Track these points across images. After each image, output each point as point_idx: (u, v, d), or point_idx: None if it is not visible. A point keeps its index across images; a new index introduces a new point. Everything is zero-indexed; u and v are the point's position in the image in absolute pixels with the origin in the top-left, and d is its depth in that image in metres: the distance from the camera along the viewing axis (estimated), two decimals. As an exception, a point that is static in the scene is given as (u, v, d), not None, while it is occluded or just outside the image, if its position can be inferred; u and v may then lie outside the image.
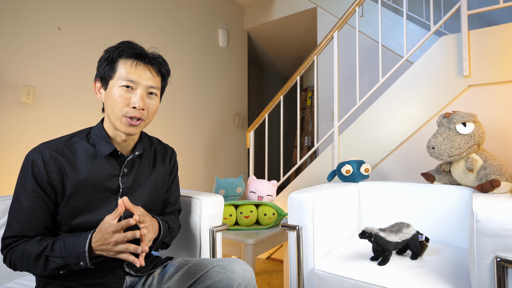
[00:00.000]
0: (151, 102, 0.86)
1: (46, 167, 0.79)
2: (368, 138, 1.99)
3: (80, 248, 0.72)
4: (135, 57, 0.84)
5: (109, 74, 0.83)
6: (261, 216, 1.66)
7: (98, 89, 0.87)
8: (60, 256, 0.73)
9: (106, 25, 2.23)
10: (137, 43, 0.87)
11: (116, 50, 0.83)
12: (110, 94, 0.83)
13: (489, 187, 1.23)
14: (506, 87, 1.57)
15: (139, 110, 0.83)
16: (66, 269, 0.74)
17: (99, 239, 0.72)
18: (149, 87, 0.85)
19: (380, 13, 1.98)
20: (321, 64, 3.09)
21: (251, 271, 0.88)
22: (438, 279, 1.00)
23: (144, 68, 0.85)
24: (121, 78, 0.82)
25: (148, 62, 0.86)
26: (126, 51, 0.83)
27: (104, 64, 0.84)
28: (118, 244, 0.71)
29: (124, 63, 0.83)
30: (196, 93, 2.96)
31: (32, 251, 0.74)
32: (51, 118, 1.93)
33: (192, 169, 2.90)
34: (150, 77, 0.85)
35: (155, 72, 0.87)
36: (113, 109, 0.82)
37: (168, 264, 0.96)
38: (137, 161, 0.93)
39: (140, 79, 0.83)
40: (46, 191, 0.79)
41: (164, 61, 0.90)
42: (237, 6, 3.50)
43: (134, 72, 0.82)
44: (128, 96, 0.82)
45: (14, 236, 0.78)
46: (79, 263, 0.73)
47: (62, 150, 0.83)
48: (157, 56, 0.89)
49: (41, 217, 0.79)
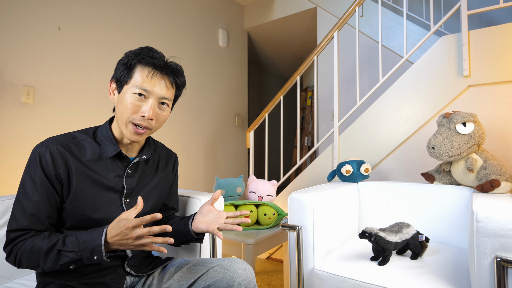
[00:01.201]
0: (161, 113, 0.86)
1: (54, 162, 0.79)
2: (368, 138, 1.99)
3: (96, 242, 0.72)
4: (153, 67, 0.83)
5: (125, 78, 0.83)
6: (261, 216, 1.66)
7: (112, 90, 0.87)
8: (73, 250, 0.72)
9: (106, 25, 2.23)
10: (157, 51, 0.87)
11: (136, 56, 0.83)
12: (122, 99, 0.83)
13: (489, 187, 1.23)
14: (506, 87, 1.57)
15: (147, 119, 0.83)
16: (77, 264, 0.74)
17: (117, 234, 0.71)
18: (162, 97, 0.85)
19: (380, 13, 1.98)
20: (321, 64, 3.09)
21: (251, 270, 0.89)
22: (438, 279, 1.00)
23: (160, 78, 0.84)
24: (135, 85, 0.82)
25: (165, 73, 0.85)
26: (145, 60, 0.83)
27: (122, 68, 0.84)
28: (141, 238, 0.71)
29: (141, 71, 0.83)
30: (196, 93, 2.96)
31: (42, 246, 0.73)
32: (51, 118, 1.93)
33: (192, 169, 2.91)
34: (164, 88, 0.85)
35: (169, 84, 0.87)
36: (122, 114, 0.83)
37: (168, 264, 0.96)
38: (141, 163, 0.93)
39: (154, 89, 0.83)
40: (54, 185, 0.79)
41: (181, 72, 0.90)
42: (237, 6, 3.50)
43: (149, 82, 0.82)
44: (139, 104, 0.82)
45: (20, 229, 0.76)
46: (92, 257, 0.72)
47: (69, 146, 0.83)
48: (175, 68, 0.88)
49: (48, 211, 0.79)
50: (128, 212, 0.73)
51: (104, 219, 0.83)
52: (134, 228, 0.70)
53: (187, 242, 0.97)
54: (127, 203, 0.88)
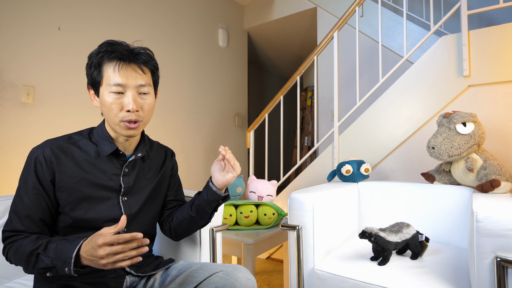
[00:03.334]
0: (144, 102, 0.85)
1: (48, 164, 0.79)
2: (368, 138, 1.99)
3: (68, 254, 0.70)
4: (118, 59, 0.81)
5: (97, 80, 0.82)
6: (261, 216, 1.66)
7: (92, 96, 0.86)
8: (50, 256, 0.72)
9: (106, 25, 2.23)
10: (118, 40, 0.84)
11: (97, 55, 0.81)
12: (103, 101, 0.82)
13: (489, 187, 1.23)
14: (506, 87, 1.57)
15: (133, 112, 0.82)
16: (53, 272, 0.72)
17: (87, 250, 0.68)
18: (138, 86, 0.82)
19: (380, 13, 1.98)
20: (321, 64, 3.09)
21: (254, 281, 0.87)
22: (438, 279, 1.00)
23: (128, 68, 0.81)
24: (108, 84, 0.80)
25: (133, 61, 0.82)
26: (107, 55, 0.81)
27: (91, 71, 0.83)
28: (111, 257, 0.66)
29: (108, 67, 0.81)
30: (196, 93, 2.96)
31: (26, 249, 0.74)
32: (51, 118, 1.93)
33: (191, 169, 2.90)
34: (137, 76, 0.82)
35: (141, 70, 0.83)
36: (109, 116, 0.82)
37: (171, 266, 0.96)
38: (138, 162, 0.93)
39: (127, 81, 0.80)
40: (46, 189, 0.80)
41: (148, 55, 0.86)
42: (237, 6, 3.50)
43: (119, 75, 0.80)
44: (120, 101, 0.81)
45: (13, 230, 0.78)
46: (64, 268, 0.70)
47: (65, 147, 0.83)
48: (141, 52, 0.84)
49: (40, 214, 0.79)
50: (108, 228, 0.69)
51: (101, 218, 0.84)
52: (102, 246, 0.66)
53: (215, 208, 0.96)
54: (125, 201, 0.88)
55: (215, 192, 0.91)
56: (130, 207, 0.89)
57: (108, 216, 0.85)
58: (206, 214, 0.95)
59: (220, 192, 0.92)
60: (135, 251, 0.68)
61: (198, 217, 0.95)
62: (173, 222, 1.00)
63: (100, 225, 0.83)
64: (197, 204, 0.94)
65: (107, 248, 0.66)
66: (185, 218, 0.96)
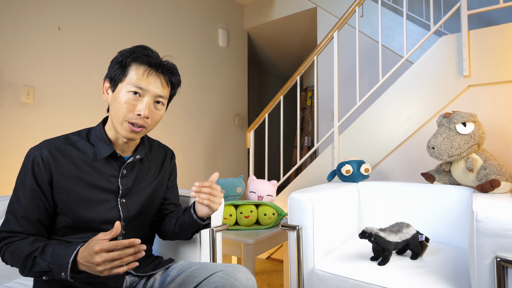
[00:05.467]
0: (156, 112, 0.86)
1: (45, 165, 0.79)
2: (368, 138, 1.99)
3: (66, 259, 0.69)
4: (148, 65, 0.83)
5: (119, 77, 0.83)
6: (261, 216, 1.66)
7: (106, 89, 0.87)
8: (46, 260, 0.71)
9: (106, 25, 2.23)
10: (152, 49, 0.87)
11: (131, 55, 0.83)
12: (117, 98, 0.82)
13: (489, 187, 1.23)
14: (506, 87, 1.57)
15: (143, 118, 0.82)
16: (49, 276, 0.72)
17: (84, 256, 0.68)
18: (157, 96, 0.84)
19: (380, 13, 1.98)
20: (321, 64, 3.09)
21: (254, 281, 0.87)
22: (438, 279, 1.00)
23: (155, 77, 0.84)
24: (130, 83, 0.81)
25: (161, 72, 0.85)
26: (140, 58, 0.83)
27: (116, 66, 0.84)
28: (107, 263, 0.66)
29: (136, 69, 0.82)
30: (196, 93, 2.96)
31: (23, 251, 0.73)
32: (51, 118, 1.93)
33: (191, 169, 2.90)
34: (160, 86, 0.84)
35: (165, 82, 0.86)
36: (117, 113, 0.82)
37: (170, 266, 0.96)
38: (137, 163, 0.93)
39: (149, 87, 0.82)
40: (43, 189, 0.79)
41: (176, 71, 0.90)
42: (237, 6, 3.50)
43: (144, 80, 0.82)
44: (135, 103, 0.82)
45: (9, 231, 0.78)
46: (60, 273, 0.69)
47: (63, 148, 0.83)
48: (170, 66, 0.88)
49: (38, 215, 0.79)
50: (103, 234, 0.68)
51: (99, 220, 0.83)
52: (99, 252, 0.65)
53: (196, 231, 0.97)
54: (123, 203, 0.88)
55: (195, 220, 0.91)
56: (129, 209, 0.89)
57: (106, 218, 0.85)
58: (187, 234, 0.97)
59: (200, 221, 0.92)
60: (132, 256, 0.67)
61: (180, 234, 0.97)
62: (161, 226, 1.02)
63: (98, 227, 0.83)
64: (180, 222, 0.95)
65: (104, 255, 0.65)
66: (168, 230, 0.99)
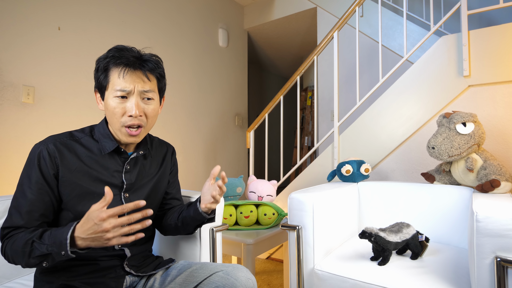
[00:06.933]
0: (148, 107, 0.86)
1: (52, 159, 0.80)
2: (368, 138, 1.99)
3: (63, 235, 0.69)
4: (124, 65, 0.82)
5: (103, 84, 0.83)
6: (261, 216, 1.66)
7: (99, 100, 0.87)
8: (45, 243, 0.71)
9: (106, 25, 2.23)
10: (128, 46, 0.85)
11: (105, 59, 0.83)
12: (107, 106, 0.83)
13: (489, 187, 1.23)
14: (506, 87, 1.57)
15: (136, 117, 0.83)
16: (49, 261, 0.71)
17: (88, 228, 0.67)
18: (142, 92, 0.84)
19: (380, 13, 1.98)
20: (321, 64, 3.09)
21: (254, 281, 0.87)
22: (438, 279, 1.00)
23: (133, 74, 0.82)
24: (113, 89, 0.81)
25: (138, 67, 0.83)
26: (114, 60, 0.82)
27: (98, 74, 0.84)
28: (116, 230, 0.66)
29: (114, 72, 0.82)
30: (196, 93, 2.96)
31: (22, 240, 0.73)
32: (51, 118, 1.93)
33: (191, 169, 2.90)
34: (141, 82, 0.83)
35: (146, 77, 0.84)
36: (112, 120, 0.83)
37: (171, 266, 0.96)
38: (140, 159, 0.94)
39: (131, 86, 0.82)
40: (50, 183, 0.80)
41: (156, 62, 0.87)
42: (237, 6, 3.50)
43: (124, 81, 0.81)
44: (123, 106, 0.82)
45: (11, 226, 0.77)
46: (60, 252, 0.69)
47: (68, 143, 0.84)
48: (148, 59, 0.86)
49: (43, 209, 0.79)
50: (97, 204, 0.67)
51: None
52: (108, 218, 0.65)
53: (200, 225, 0.98)
54: (127, 198, 0.89)
55: (200, 213, 0.92)
56: None
57: None
58: (190, 227, 0.97)
59: (205, 215, 0.92)
60: (139, 224, 0.68)
61: (182, 227, 0.98)
62: (163, 221, 1.03)
63: None
64: (183, 216, 0.96)
65: (112, 221, 0.65)
66: (171, 224, 0.99)
